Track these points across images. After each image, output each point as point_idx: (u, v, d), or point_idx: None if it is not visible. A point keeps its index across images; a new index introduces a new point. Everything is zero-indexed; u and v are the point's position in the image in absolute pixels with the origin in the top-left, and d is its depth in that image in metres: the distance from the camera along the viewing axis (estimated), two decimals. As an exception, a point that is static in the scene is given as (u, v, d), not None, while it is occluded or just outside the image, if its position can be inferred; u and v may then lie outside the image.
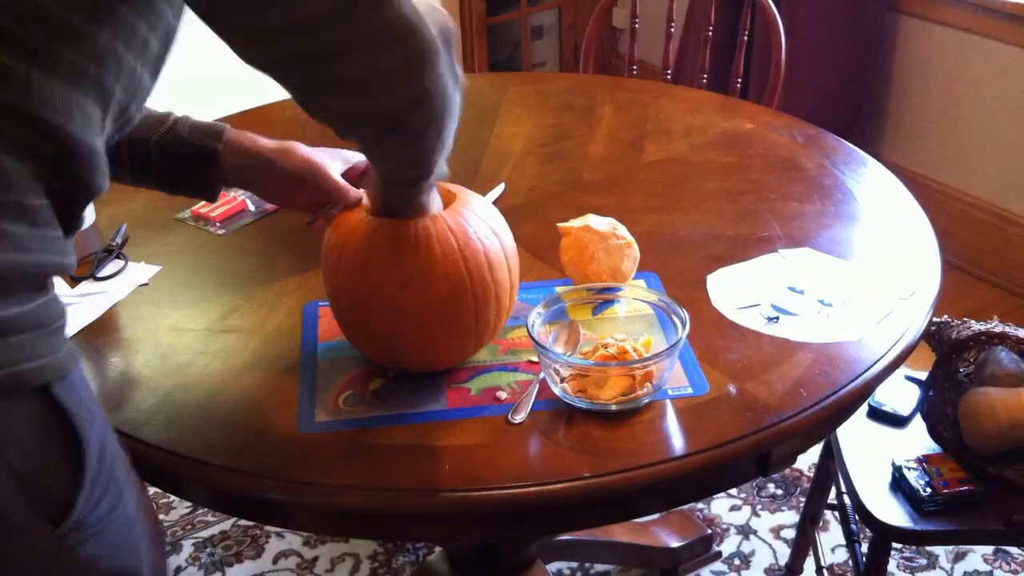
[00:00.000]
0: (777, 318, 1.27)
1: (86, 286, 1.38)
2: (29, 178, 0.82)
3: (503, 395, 1.15)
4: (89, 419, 0.88)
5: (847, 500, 1.64)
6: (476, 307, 1.12)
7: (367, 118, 0.98)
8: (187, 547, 2.09)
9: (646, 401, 1.11)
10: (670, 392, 1.14)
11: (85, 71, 0.84)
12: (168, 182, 1.26)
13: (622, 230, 1.33)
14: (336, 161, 1.30)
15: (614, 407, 1.11)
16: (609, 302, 1.27)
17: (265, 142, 1.27)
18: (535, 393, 1.14)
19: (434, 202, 1.14)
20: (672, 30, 2.38)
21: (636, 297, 1.24)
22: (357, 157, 1.32)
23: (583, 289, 1.26)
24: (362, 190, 1.23)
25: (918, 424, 1.60)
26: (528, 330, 1.13)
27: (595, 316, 1.24)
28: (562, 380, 1.12)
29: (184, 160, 1.23)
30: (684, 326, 1.13)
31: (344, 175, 1.30)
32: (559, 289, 1.25)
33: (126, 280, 1.40)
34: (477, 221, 1.14)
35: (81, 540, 0.87)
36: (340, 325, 1.19)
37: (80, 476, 0.86)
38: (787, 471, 2.20)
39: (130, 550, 0.93)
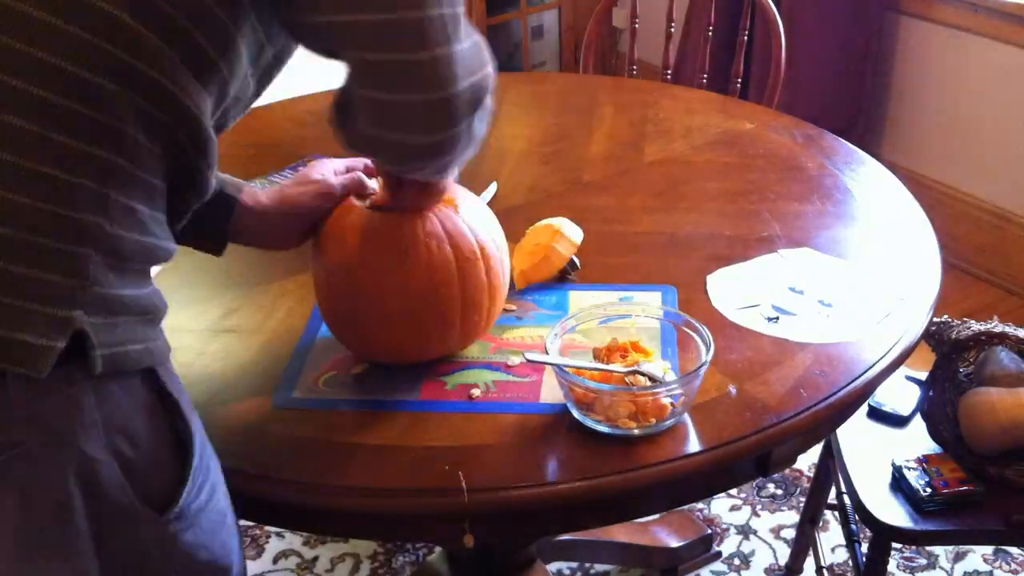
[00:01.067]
0: (777, 318, 1.27)
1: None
2: (156, 159, 0.85)
3: (476, 392, 1.15)
4: (191, 411, 0.92)
5: (847, 500, 1.64)
6: (463, 304, 1.14)
7: (382, 147, 0.99)
8: (187, 547, 2.09)
9: (637, 432, 1.08)
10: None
11: (213, 63, 0.87)
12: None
13: (559, 223, 1.37)
14: (327, 173, 1.22)
15: (606, 428, 1.09)
16: (619, 316, 1.23)
17: (262, 198, 1.20)
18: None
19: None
20: (672, 30, 2.38)
21: (648, 314, 1.20)
22: (337, 162, 1.24)
23: (598, 307, 1.23)
24: (371, 181, 1.21)
25: (918, 424, 1.60)
26: (546, 346, 1.12)
27: (601, 324, 1.23)
28: (571, 397, 1.11)
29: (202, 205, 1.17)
30: (709, 348, 1.10)
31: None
32: (576, 311, 1.22)
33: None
34: (470, 218, 1.16)
35: (182, 529, 0.90)
36: (324, 316, 1.21)
37: (185, 465, 0.90)
38: (787, 471, 2.20)
39: (222, 542, 0.97)
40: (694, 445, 1.07)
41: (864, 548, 1.57)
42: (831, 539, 2.05)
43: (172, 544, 0.90)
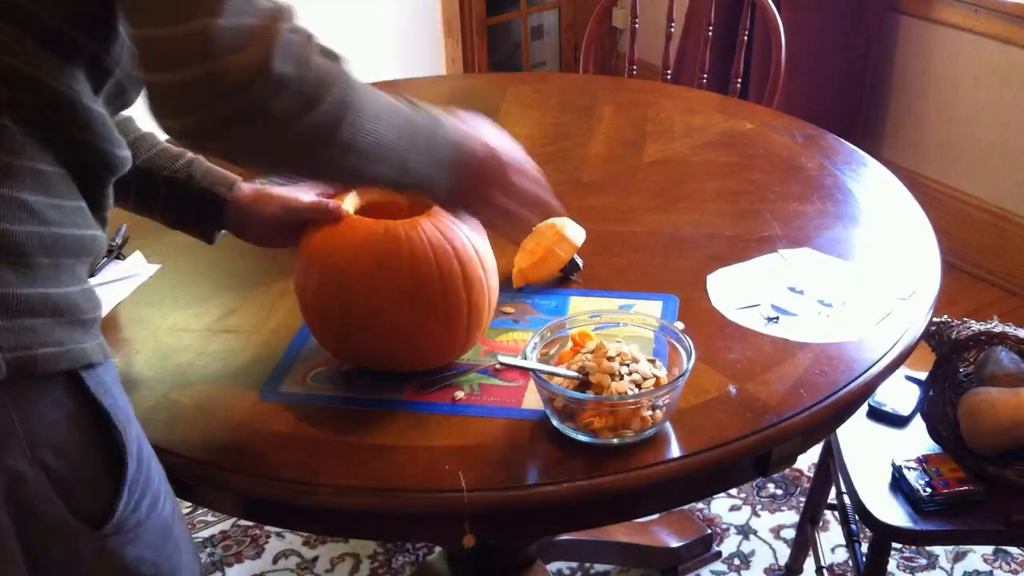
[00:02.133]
0: (777, 318, 1.27)
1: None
2: (37, 145, 0.81)
3: (460, 395, 1.15)
4: (126, 420, 0.88)
5: (847, 500, 1.64)
6: (447, 315, 1.12)
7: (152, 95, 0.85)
8: (187, 547, 2.09)
9: (615, 443, 1.06)
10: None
11: (73, 40, 0.84)
12: (172, 216, 1.21)
13: (562, 223, 1.35)
14: (304, 191, 1.22)
15: (585, 438, 1.07)
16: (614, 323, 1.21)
17: (244, 190, 1.22)
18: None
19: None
20: (672, 30, 2.38)
21: (640, 324, 1.19)
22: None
23: (583, 315, 1.21)
24: (340, 205, 1.19)
25: (918, 424, 1.60)
26: (525, 354, 1.10)
27: (595, 331, 1.21)
28: (550, 403, 1.09)
29: (191, 199, 1.19)
30: (690, 357, 1.08)
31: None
32: (572, 314, 1.22)
33: (127, 279, 1.40)
34: (454, 228, 1.14)
35: (122, 543, 0.87)
36: (311, 327, 1.19)
37: (120, 478, 0.86)
38: (787, 471, 2.20)
39: (168, 554, 0.94)
40: (694, 445, 1.07)
41: (864, 548, 1.57)
42: (831, 539, 2.05)
43: (112, 560, 0.87)
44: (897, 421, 1.62)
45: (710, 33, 2.33)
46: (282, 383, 1.19)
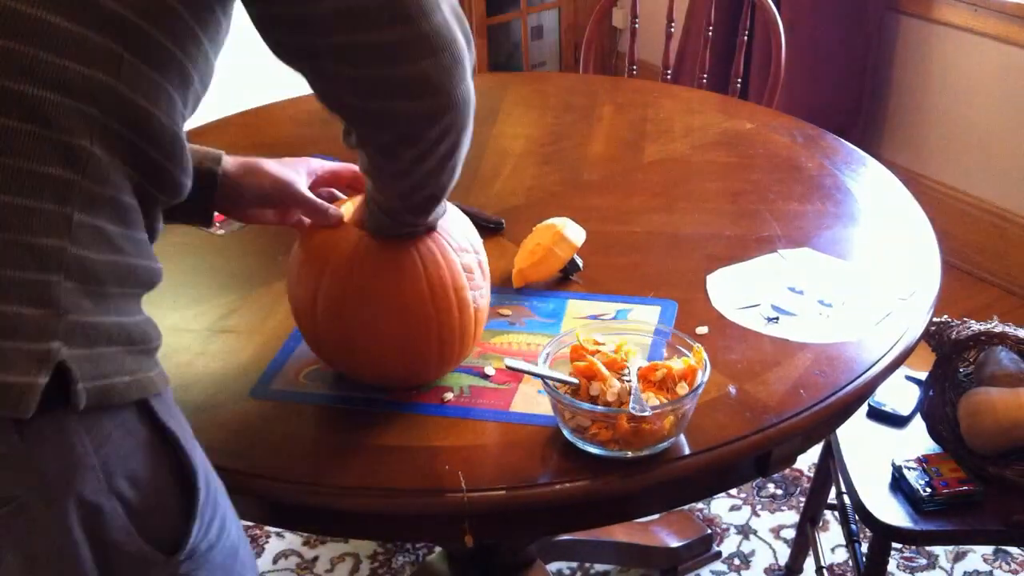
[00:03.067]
0: (777, 318, 1.27)
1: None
2: (120, 174, 0.80)
3: (449, 396, 1.14)
4: (192, 444, 0.87)
5: (847, 500, 1.64)
6: (440, 334, 1.10)
7: (392, 123, 0.93)
8: (187, 547, 2.08)
9: (630, 455, 1.05)
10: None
11: (172, 56, 0.82)
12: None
13: (562, 223, 1.36)
14: (301, 175, 1.19)
15: (600, 451, 1.05)
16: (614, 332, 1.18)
17: (230, 162, 1.17)
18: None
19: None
20: (672, 30, 2.38)
21: (640, 330, 1.17)
22: (318, 163, 1.21)
23: (588, 317, 1.20)
24: (339, 210, 1.16)
25: (918, 424, 1.60)
26: (544, 382, 1.07)
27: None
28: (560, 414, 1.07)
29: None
30: (705, 369, 1.07)
31: (312, 188, 1.21)
32: (571, 328, 1.20)
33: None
34: (446, 245, 1.11)
35: (195, 568, 0.86)
36: (310, 343, 1.16)
37: (192, 503, 0.86)
38: (787, 471, 2.20)
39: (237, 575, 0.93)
40: (694, 445, 1.07)
41: (864, 548, 1.57)
42: (831, 539, 2.05)
43: None
44: (897, 421, 1.63)
45: (710, 33, 2.33)
46: (274, 381, 1.19)
